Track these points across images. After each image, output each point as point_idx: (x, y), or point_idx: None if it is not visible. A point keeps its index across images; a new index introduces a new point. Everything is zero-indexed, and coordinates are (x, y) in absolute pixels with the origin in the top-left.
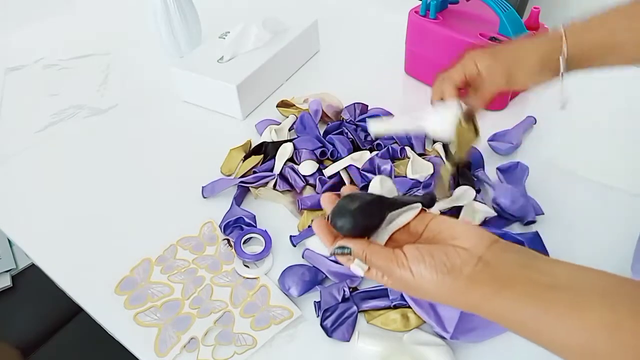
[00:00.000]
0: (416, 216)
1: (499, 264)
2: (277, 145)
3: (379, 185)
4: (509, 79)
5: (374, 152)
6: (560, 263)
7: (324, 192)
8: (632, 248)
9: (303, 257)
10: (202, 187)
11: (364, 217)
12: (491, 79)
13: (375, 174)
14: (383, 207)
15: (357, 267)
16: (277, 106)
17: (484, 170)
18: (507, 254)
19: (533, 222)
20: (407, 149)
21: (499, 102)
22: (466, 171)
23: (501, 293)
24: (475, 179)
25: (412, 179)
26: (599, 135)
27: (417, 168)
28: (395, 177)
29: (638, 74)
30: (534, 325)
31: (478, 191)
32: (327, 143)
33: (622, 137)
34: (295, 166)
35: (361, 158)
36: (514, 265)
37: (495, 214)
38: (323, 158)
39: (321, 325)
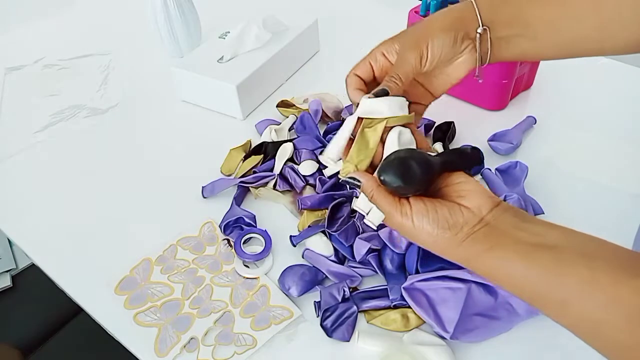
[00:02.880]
0: None
1: (497, 224)
2: (277, 145)
3: (397, 138)
4: (421, 56)
5: None
6: (553, 226)
7: (324, 192)
8: (630, 247)
9: (303, 257)
10: (202, 187)
11: (416, 185)
12: (402, 59)
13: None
14: (433, 173)
15: (361, 200)
16: (277, 106)
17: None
18: (505, 216)
19: None
20: None
21: (499, 102)
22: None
23: (492, 251)
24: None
25: None
26: (599, 135)
27: None
28: None
29: (638, 74)
30: (518, 281)
31: None
32: (327, 143)
33: (622, 137)
34: (295, 166)
35: None
36: (509, 226)
37: None
38: None
39: (321, 325)
